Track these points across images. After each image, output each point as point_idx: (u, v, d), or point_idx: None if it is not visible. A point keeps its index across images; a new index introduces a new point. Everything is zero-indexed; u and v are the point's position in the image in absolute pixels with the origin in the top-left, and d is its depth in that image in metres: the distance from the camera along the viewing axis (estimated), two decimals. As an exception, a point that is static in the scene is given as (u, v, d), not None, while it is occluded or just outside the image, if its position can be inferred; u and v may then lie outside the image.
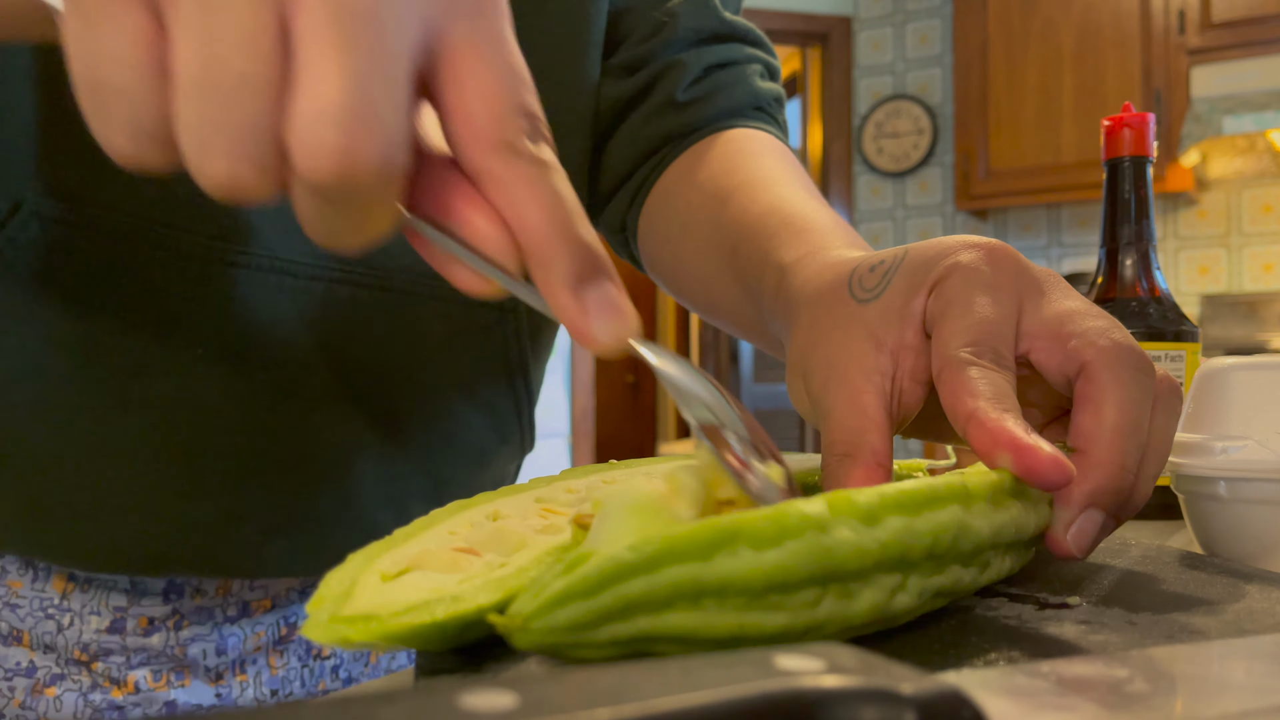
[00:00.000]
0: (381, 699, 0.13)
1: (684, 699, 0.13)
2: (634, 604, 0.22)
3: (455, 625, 0.26)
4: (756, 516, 0.24)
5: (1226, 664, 0.24)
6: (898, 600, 0.27)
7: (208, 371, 0.50)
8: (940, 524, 0.28)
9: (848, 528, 0.25)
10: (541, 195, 0.27)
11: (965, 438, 0.34)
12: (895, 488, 0.27)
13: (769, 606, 0.24)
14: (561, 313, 0.28)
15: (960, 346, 0.36)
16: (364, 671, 0.63)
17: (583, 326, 0.28)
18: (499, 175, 0.27)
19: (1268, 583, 0.35)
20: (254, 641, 0.57)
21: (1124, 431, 0.34)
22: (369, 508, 0.56)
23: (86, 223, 0.48)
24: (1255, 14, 3.15)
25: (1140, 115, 0.68)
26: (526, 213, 0.27)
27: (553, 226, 0.27)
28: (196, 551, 0.52)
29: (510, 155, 0.27)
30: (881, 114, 3.98)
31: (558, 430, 3.42)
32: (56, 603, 0.52)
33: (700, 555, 0.23)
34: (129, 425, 0.49)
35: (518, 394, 0.63)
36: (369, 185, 0.25)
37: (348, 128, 0.24)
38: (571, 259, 0.27)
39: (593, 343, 0.28)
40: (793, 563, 0.23)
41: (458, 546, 0.30)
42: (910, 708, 0.14)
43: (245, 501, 0.52)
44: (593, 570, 0.22)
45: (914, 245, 0.41)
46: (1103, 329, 0.36)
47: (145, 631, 0.53)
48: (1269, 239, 3.42)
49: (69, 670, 0.53)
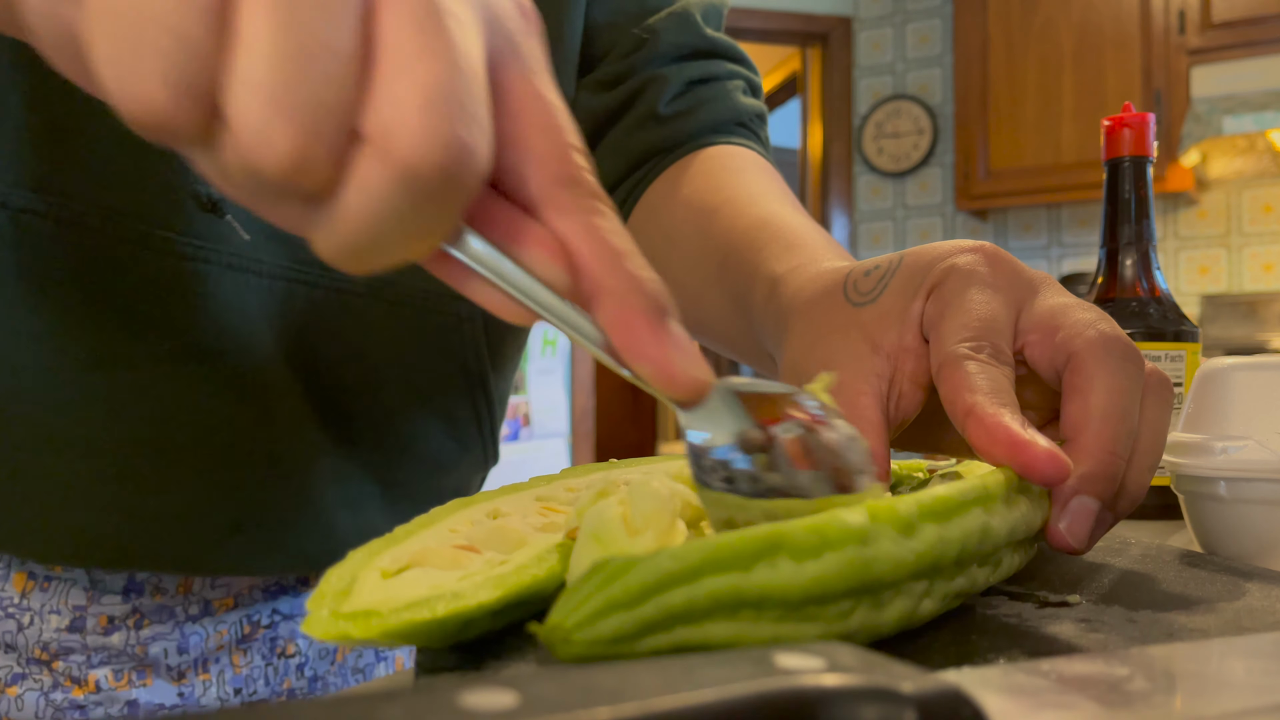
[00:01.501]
0: (382, 698, 0.13)
1: (684, 698, 0.13)
2: (675, 615, 0.22)
3: (455, 622, 0.26)
4: (798, 527, 0.24)
5: (1226, 662, 0.24)
6: (923, 606, 0.27)
7: (172, 366, 0.50)
8: (968, 530, 0.28)
9: (887, 539, 0.25)
10: (608, 229, 0.26)
11: (963, 433, 0.34)
12: (930, 495, 0.27)
13: (804, 618, 0.24)
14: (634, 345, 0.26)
15: (959, 342, 0.36)
16: (330, 670, 0.62)
17: (661, 359, 0.26)
18: (567, 206, 0.26)
19: (1267, 581, 0.35)
20: (216, 640, 0.57)
21: (1111, 418, 0.34)
22: (327, 508, 0.56)
23: (57, 214, 0.47)
24: (1255, 14, 3.15)
25: (1140, 115, 0.68)
26: (595, 245, 0.26)
27: (622, 259, 0.26)
28: (156, 546, 0.52)
29: (576, 188, 0.26)
30: (881, 114, 3.98)
31: (558, 430, 3.42)
32: (16, 601, 0.52)
33: (740, 565, 0.23)
34: (92, 418, 0.49)
35: (477, 405, 0.63)
36: (466, 178, 0.23)
37: (455, 116, 0.22)
38: (645, 293, 0.26)
39: (673, 379, 0.26)
40: (831, 575, 0.23)
41: (458, 544, 0.30)
42: (910, 706, 0.14)
43: (206, 497, 0.52)
44: (635, 580, 0.22)
45: (909, 250, 0.42)
46: (1089, 321, 0.36)
47: (105, 630, 0.53)
48: (1269, 239, 3.42)
49: (30, 669, 0.53)
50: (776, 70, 4.85)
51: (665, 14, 0.65)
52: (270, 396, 0.53)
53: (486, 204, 0.27)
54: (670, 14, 0.65)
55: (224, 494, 0.53)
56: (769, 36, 4.11)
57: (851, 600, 0.24)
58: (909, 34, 3.97)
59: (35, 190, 0.47)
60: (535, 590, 0.29)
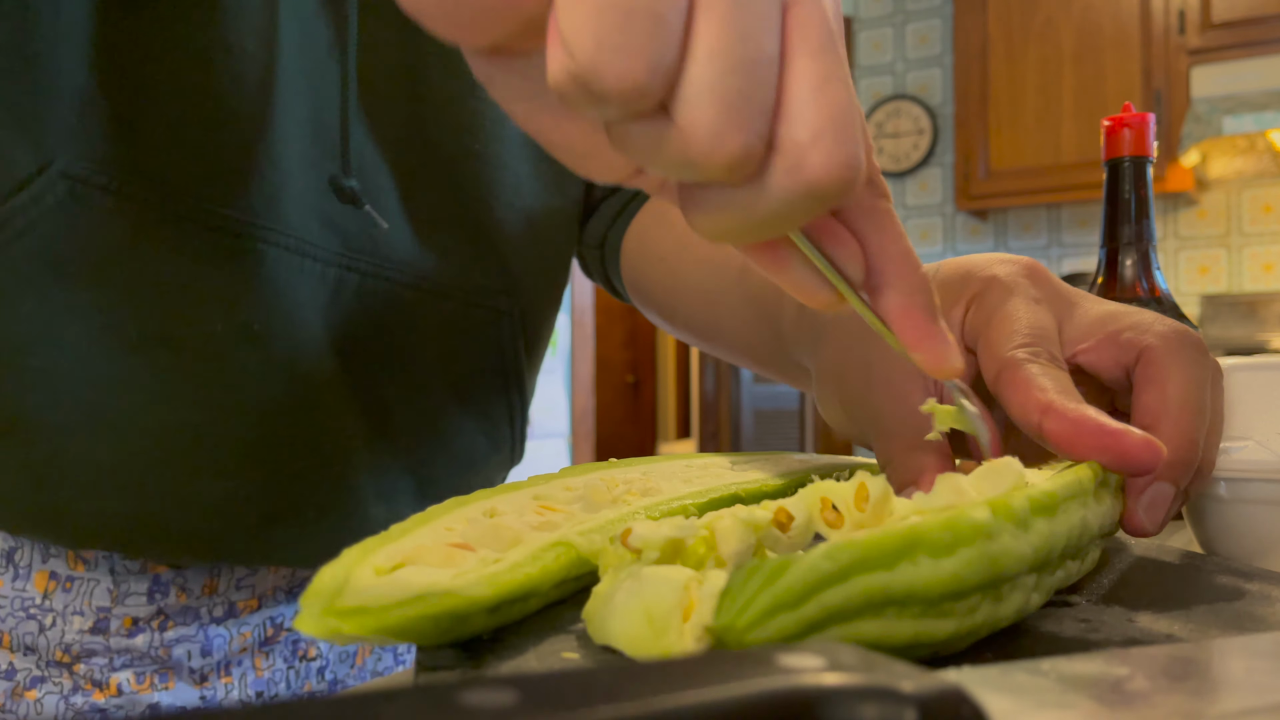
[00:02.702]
0: (382, 697, 0.13)
1: (685, 696, 0.13)
2: (832, 614, 0.23)
3: (449, 619, 0.26)
4: (933, 524, 0.25)
5: (1227, 662, 0.23)
6: (1032, 600, 0.28)
7: (220, 349, 0.50)
8: (1071, 524, 0.29)
9: (1008, 534, 0.26)
10: (896, 228, 0.29)
11: (1041, 432, 0.35)
12: (1037, 491, 0.29)
13: (941, 614, 0.24)
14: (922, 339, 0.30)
15: (1015, 348, 0.37)
16: (350, 674, 0.62)
17: (934, 349, 0.30)
18: (865, 205, 0.29)
19: (1268, 581, 0.35)
20: (239, 642, 0.57)
21: (1189, 407, 0.36)
22: (364, 500, 0.56)
23: (119, 189, 0.47)
24: (1255, 14, 3.15)
25: (1140, 115, 0.68)
26: (892, 245, 0.29)
27: (908, 259, 0.29)
28: (195, 534, 0.51)
29: (874, 190, 0.29)
30: (881, 114, 3.98)
31: (558, 430, 3.42)
32: (38, 602, 0.52)
33: (885, 564, 0.23)
34: (138, 400, 0.49)
35: (511, 402, 0.63)
36: (854, 191, 0.25)
37: (855, 139, 0.24)
38: (924, 290, 0.30)
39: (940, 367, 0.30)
40: (966, 571, 0.25)
41: (453, 542, 0.30)
42: (911, 705, 0.14)
43: (245, 485, 0.52)
44: (796, 580, 0.23)
45: (944, 262, 0.43)
46: (1152, 319, 0.38)
47: (129, 632, 0.53)
48: (1269, 239, 3.42)
49: (50, 672, 0.52)
50: (776, 70, 4.84)
51: None
52: (314, 384, 0.53)
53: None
54: None
55: (263, 482, 0.52)
56: (769, 36, 4.10)
57: (979, 595, 0.25)
58: (909, 34, 3.97)
59: (98, 163, 0.47)
60: (530, 588, 0.29)
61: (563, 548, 0.31)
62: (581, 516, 0.34)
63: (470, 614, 0.26)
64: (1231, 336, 3.13)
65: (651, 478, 0.41)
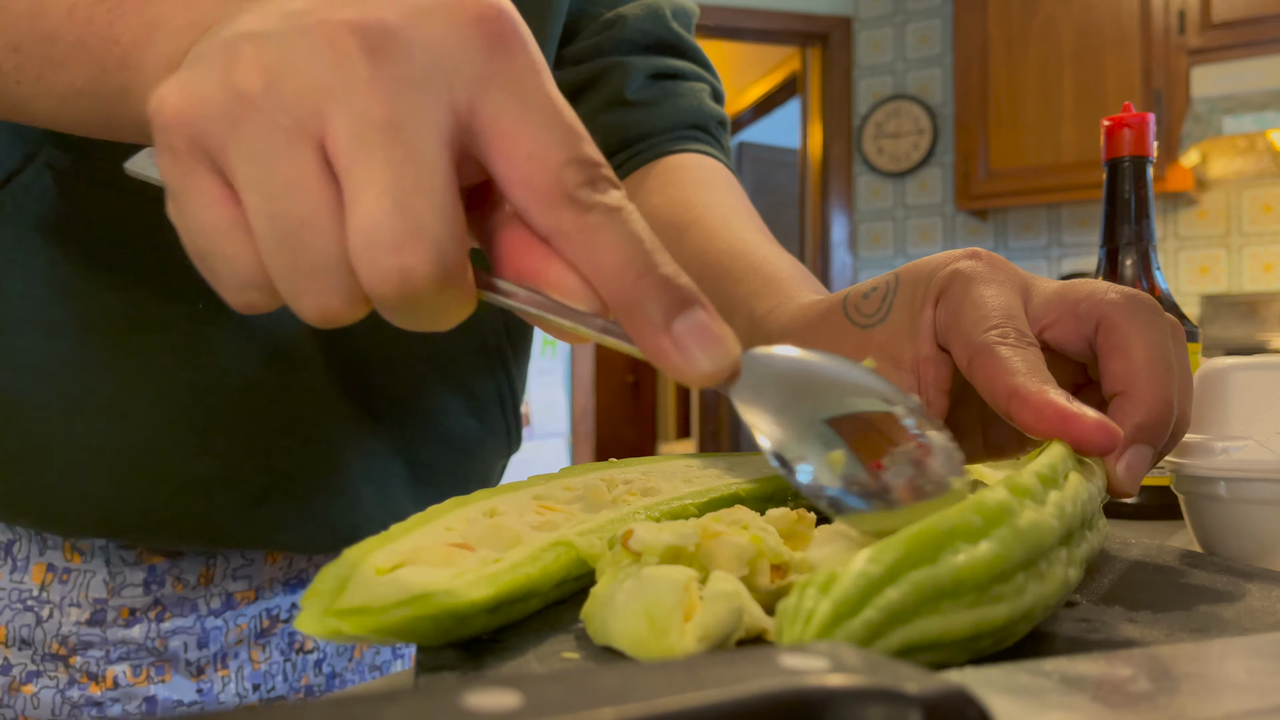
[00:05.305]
0: (384, 698, 0.13)
1: (688, 698, 0.13)
2: (893, 614, 0.23)
3: (449, 619, 0.26)
4: (960, 511, 0.25)
5: (1228, 663, 0.23)
6: (1070, 574, 0.29)
7: (206, 329, 0.51)
8: (1078, 492, 0.30)
9: (1030, 509, 0.27)
10: (612, 243, 0.26)
11: (1009, 415, 0.35)
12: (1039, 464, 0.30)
13: (993, 599, 0.25)
14: (659, 357, 0.27)
15: (985, 332, 0.37)
16: (348, 666, 0.62)
17: (683, 365, 0.26)
18: (566, 231, 0.26)
19: (1268, 581, 0.35)
20: (236, 634, 0.57)
21: (1156, 367, 0.36)
22: (353, 481, 0.56)
23: (97, 177, 0.49)
24: (1255, 14, 3.15)
25: (1140, 115, 0.68)
26: (601, 264, 0.26)
27: (629, 272, 0.26)
28: (186, 514, 0.52)
29: (573, 209, 0.26)
30: (881, 114, 3.98)
31: (558, 430, 3.42)
32: (35, 594, 0.52)
33: (929, 557, 0.24)
34: (126, 381, 0.50)
35: (499, 382, 0.64)
36: (432, 294, 0.25)
37: (397, 248, 0.24)
38: (655, 300, 0.26)
39: (700, 378, 0.26)
40: (1004, 550, 0.25)
41: (453, 542, 0.30)
42: (915, 707, 0.14)
43: (234, 464, 0.52)
44: (851, 587, 0.23)
45: (903, 267, 0.44)
46: (1105, 288, 0.39)
47: (126, 623, 0.53)
48: (1269, 239, 3.42)
49: (46, 666, 0.52)
50: (776, 70, 4.85)
51: (636, 3, 0.68)
52: (295, 361, 0.54)
53: (515, 238, 0.27)
54: (641, 3, 0.68)
55: (252, 462, 0.53)
56: (769, 36, 4.11)
57: (1023, 573, 0.26)
58: (909, 34, 3.97)
59: (79, 154, 0.49)
60: (530, 588, 0.29)
61: (563, 548, 0.31)
62: (581, 517, 0.35)
63: (470, 614, 0.26)
64: (1231, 336, 3.13)
65: (651, 478, 0.41)
